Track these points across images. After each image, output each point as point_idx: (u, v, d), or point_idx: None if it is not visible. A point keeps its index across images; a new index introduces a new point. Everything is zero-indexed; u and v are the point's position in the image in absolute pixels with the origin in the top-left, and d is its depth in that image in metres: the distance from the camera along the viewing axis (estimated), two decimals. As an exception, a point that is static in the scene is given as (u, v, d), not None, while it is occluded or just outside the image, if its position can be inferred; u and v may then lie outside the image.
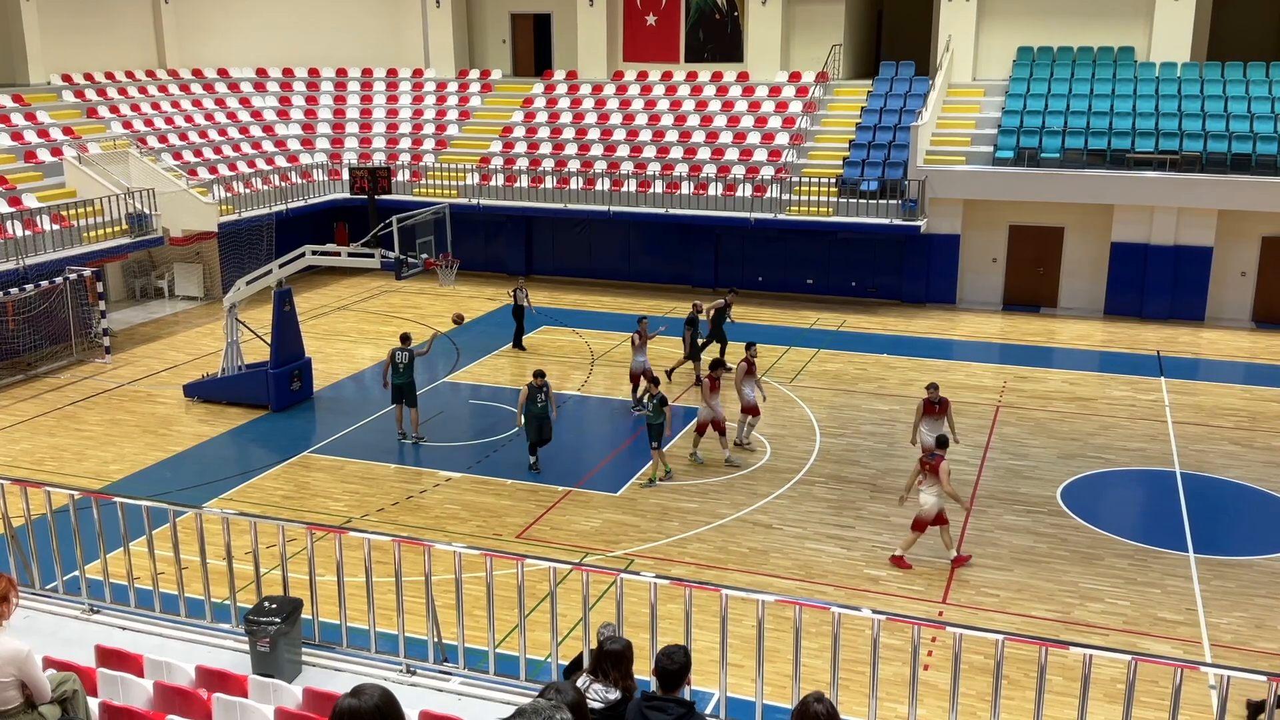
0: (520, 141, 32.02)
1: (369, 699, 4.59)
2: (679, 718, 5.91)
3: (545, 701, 4.55)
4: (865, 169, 27.62)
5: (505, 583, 10.39)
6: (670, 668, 6.07)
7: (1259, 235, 25.66)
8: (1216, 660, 11.95)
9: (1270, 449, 18.26)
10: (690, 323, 21.82)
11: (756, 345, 18.58)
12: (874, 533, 15.26)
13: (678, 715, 5.92)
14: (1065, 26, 29.71)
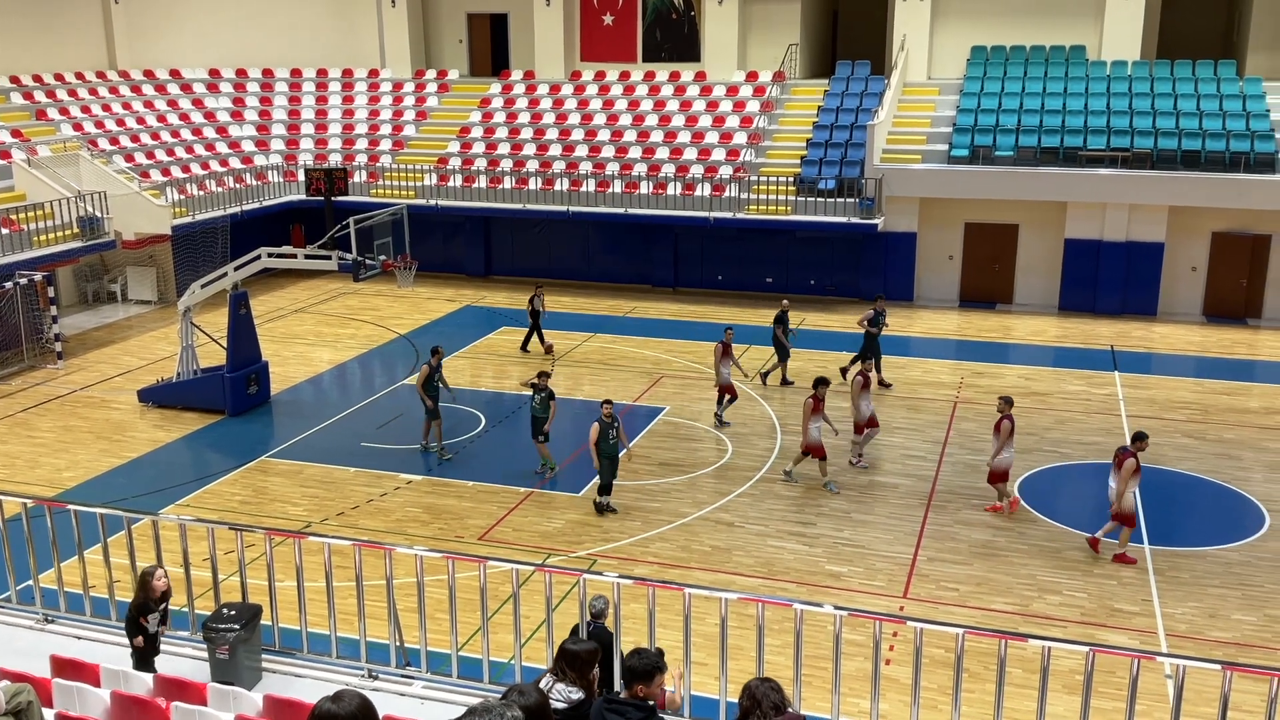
0: (478, 142, 31.90)
1: (347, 705, 4.55)
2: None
3: (497, 701, 4.54)
4: (823, 168, 27.78)
5: (468, 585, 10.36)
6: (638, 668, 6.08)
7: (1209, 231, 26.11)
8: (1172, 650, 12.15)
9: (1222, 441, 18.59)
10: (779, 321, 21.59)
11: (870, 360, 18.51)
12: (835, 529, 15.35)
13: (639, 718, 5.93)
14: (1018, 25, 30.07)
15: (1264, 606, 13.14)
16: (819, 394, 16.51)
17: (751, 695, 5.85)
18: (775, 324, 21.54)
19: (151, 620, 8.50)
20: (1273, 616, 12.91)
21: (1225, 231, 26.03)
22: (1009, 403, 15.81)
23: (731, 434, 19.04)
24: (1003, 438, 15.40)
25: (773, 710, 5.80)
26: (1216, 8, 32.38)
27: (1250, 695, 9.07)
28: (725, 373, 19.18)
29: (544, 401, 16.93)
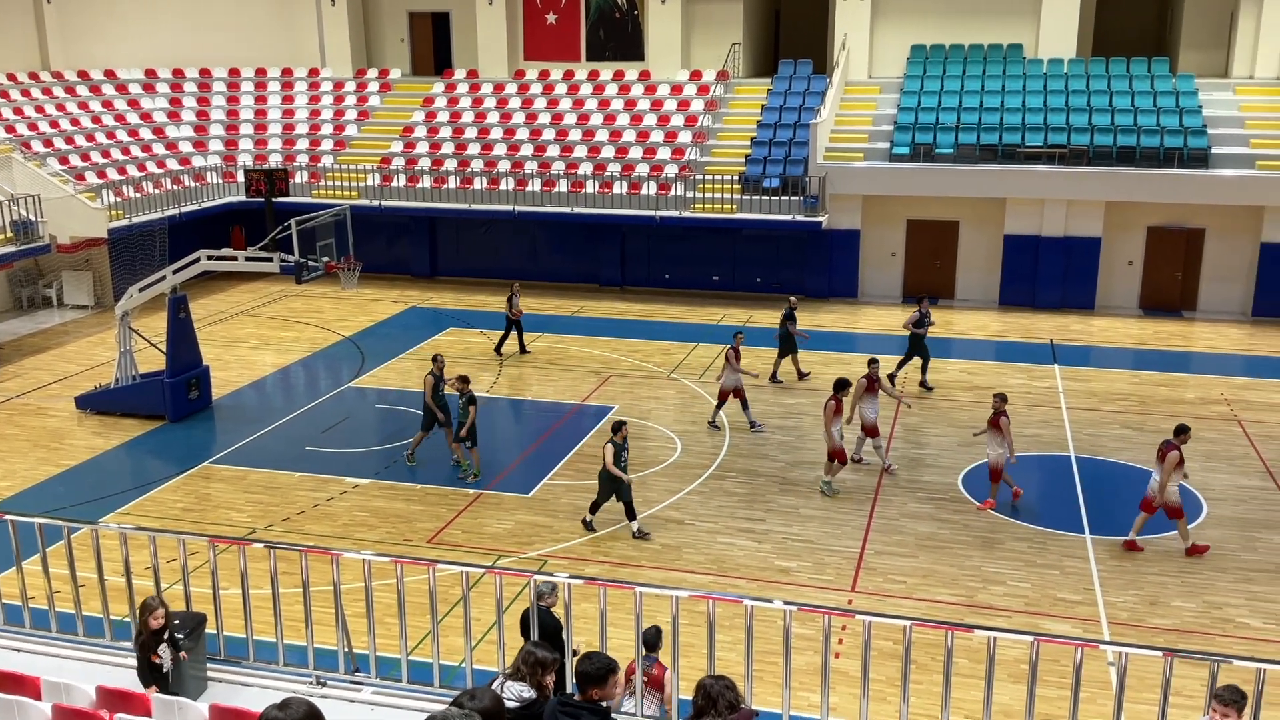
0: (421, 141, 31.66)
1: (295, 712, 4.50)
2: None
3: (457, 710, 4.52)
4: (767, 166, 27.95)
5: (417, 589, 10.28)
6: (592, 672, 6.07)
7: (1144, 225, 26.66)
8: (1115, 638, 12.39)
9: (1160, 431, 18.93)
10: (788, 318, 21.60)
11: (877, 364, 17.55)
12: (784, 524, 15.46)
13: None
14: (956, 24, 30.49)
15: (1203, 593, 13.45)
16: (839, 397, 16.21)
17: (707, 694, 5.88)
18: (784, 321, 21.57)
19: (164, 654, 8.23)
20: (1212, 603, 13.22)
21: (1160, 226, 26.59)
22: (1004, 399, 15.95)
23: (681, 432, 19.10)
24: (1004, 434, 15.52)
25: (728, 709, 5.83)
26: (1149, 6, 33.09)
27: (1191, 680, 9.27)
28: (736, 377, 18.83)
29: (465, 406, 16.77)
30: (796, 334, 21.50)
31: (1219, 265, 26.41)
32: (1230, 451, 17.96)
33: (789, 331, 21.46)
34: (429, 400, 17.27)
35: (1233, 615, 12.93)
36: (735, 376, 18.85)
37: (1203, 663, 7.52)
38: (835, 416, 16.08)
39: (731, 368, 18.85)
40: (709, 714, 5.81)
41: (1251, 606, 13.12)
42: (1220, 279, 26.45)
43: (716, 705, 5.80)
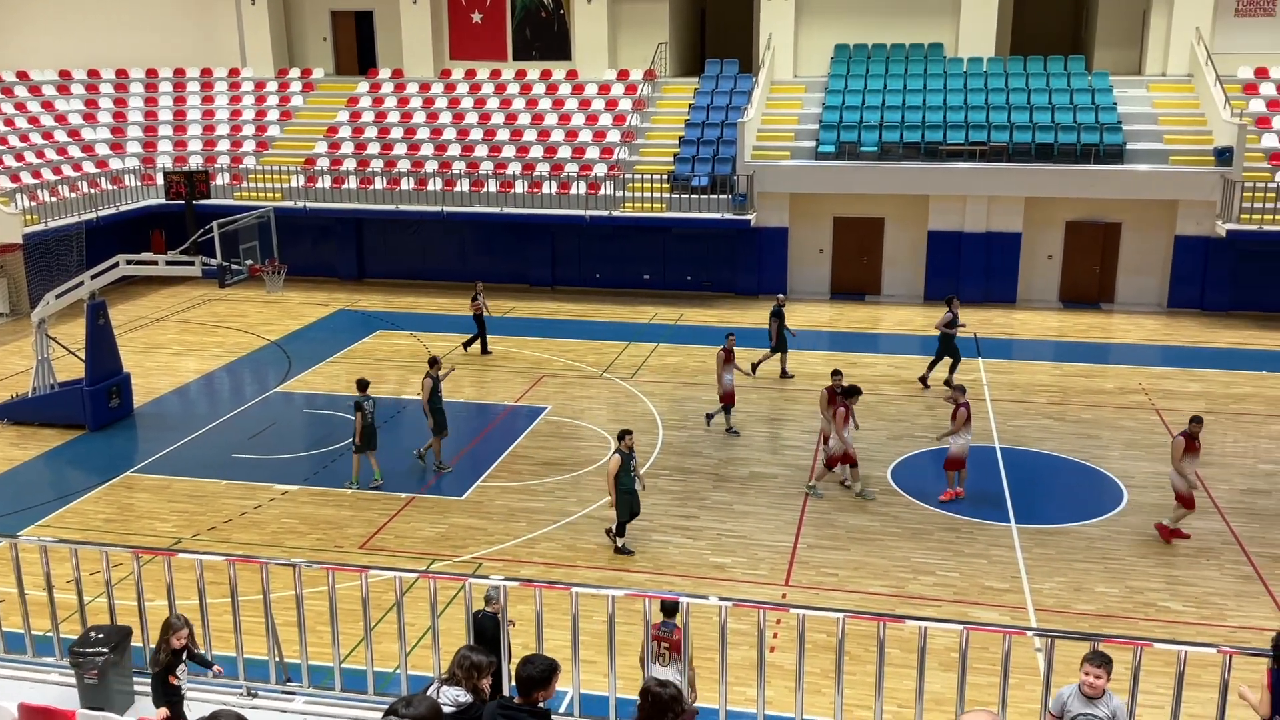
0: (346, 142, 31.26)
1: None
2: None
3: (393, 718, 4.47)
4: (695, 165, 28.08)
5: (349, 596, 10.15)
6: (536, 675, 6.05)
7: (1063, 220, 27.28)
8: (1041, 624, 12.67)
9: (1081, 421, 19.45)
10: (776, 315, 21.60)
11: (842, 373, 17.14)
12: (719, 521, 15.55)
13: None
14: (878, 24, 30.91)
15: (1125, 579, 13.81)
16: (849, 404, 16.10)
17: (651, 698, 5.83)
18: (771, 318, 21.65)
19: (181, 674, 7.92)
20: (1134, 588, 13.57)
21: (1078, 220, 27.24)
22: (962, 390, 16.25)
23: (615, 429, 19.06)
24: (958, 425, 15.78)
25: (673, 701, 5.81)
26: (1065, 6, 33.87)
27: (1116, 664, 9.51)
28: (729, 380, 18.67)
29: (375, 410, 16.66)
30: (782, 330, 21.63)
31: (1135, 258, 27.13)
32: (1149, 440, 18.45)
33: (778, 329, 21.63)
34: (425, 405, 17.10)
35: (1154, 599, 13.30)
36: (730, 378, 18.72)
37: (1128, 646, 7.73)
38: (844, 423, 15.99)
39: (725, 369, 18.71)
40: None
41: (1172, 590, 13.50)
42: (1136, 272, 27.18)
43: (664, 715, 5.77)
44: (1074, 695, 7.48)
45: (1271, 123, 27.18)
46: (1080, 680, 7.44)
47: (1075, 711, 7.45)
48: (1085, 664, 7.40)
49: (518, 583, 8.96)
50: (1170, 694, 7.50)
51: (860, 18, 30.89)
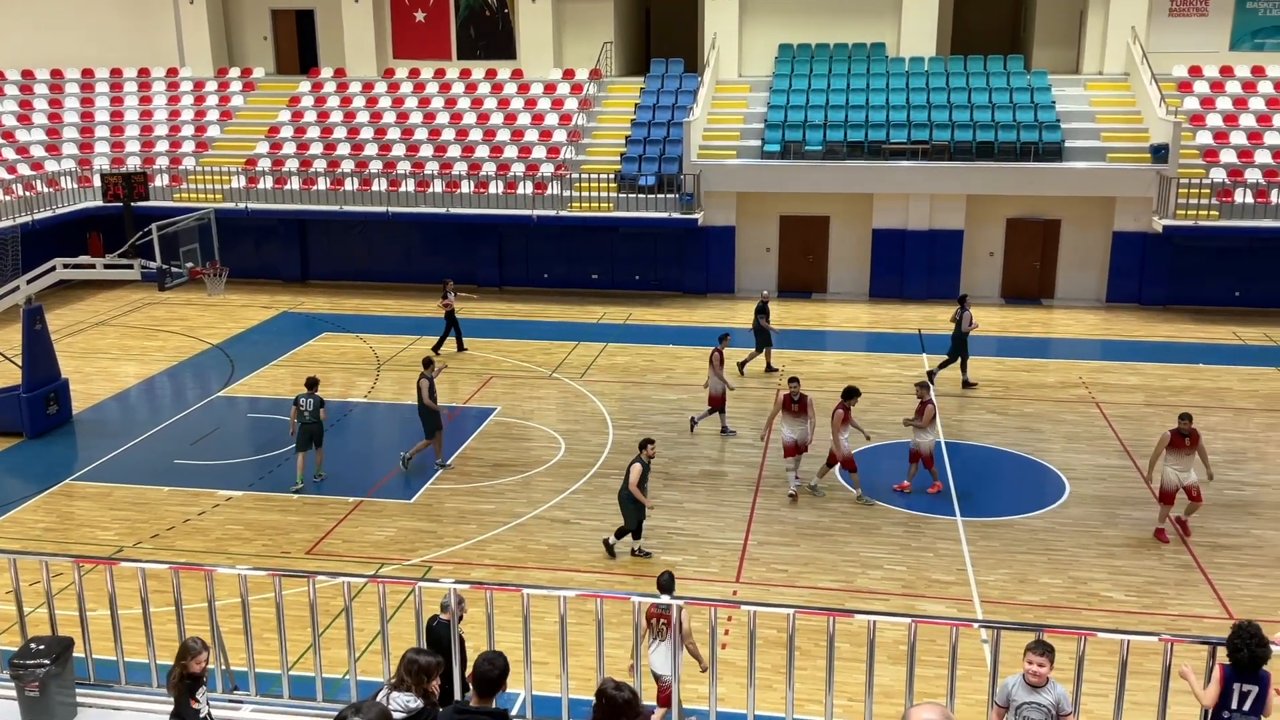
0: (288, 142, 30.87)
1: None
2: None
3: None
4: (642, 164, 28.11)
5: (296, 602, 10.02)
6: (490, 674, 6.03)
7: (1004, 217, 27.69)
8: (987, 616, 12.85)
9: (1023, 415, 19.76)
10: (761, 311, 21.71)
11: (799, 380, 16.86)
12: (669, 519, 15.58)
13: None
14: (821, 24, 31.16)
15: (1068, 569, 14.05)
16: (847, 405, 15.91)
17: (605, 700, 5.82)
18: (757, 314, 21.74)
19: (202, 698, 7.57)
20: (1077, 579, 13.82)
21: (1018, 217, 27.66)
22: (926, 387, 16.44)
23: (564, 430, 19.07)
24: (926, 420, 15.98)
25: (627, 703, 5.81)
26: (1004, 6, 34.37)
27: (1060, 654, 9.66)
28: (719, 383, 18.57)
29: (315, 411, 16.51)
30: (767, 325, 21.77)
31: (1074, 254, 27.61)
32: (1089, 432, 18.79)
33: (762, 325, 21.73)
34: (426, 403, 16.96)
35: (1097, 589, 13.54)
36: (720, 381, 18.66)
37: (1072, 636, 7.86)
38: (843, 425, 15.85)
39: (715, 372, 18.64)
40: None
41: (1114, 580, 13.77)
42: (1076, 267, 27.66)
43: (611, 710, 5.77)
44: (1018, 685, 7.60)
45: (1205, 120, 27.81)
46: (1024, 669, 7.56)
47: (1020, 700, 7.57)
48: (1028, 653, 7.51)
49: (468, 585, 8.91)
50: (1114, 682, 7.64)
51: (803, 17, 31.11)
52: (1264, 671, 7.59)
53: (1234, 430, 18.94)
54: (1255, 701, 7.60)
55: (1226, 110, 28.06)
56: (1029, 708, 7.55)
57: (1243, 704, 7.61)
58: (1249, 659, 7.50)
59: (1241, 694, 7.59)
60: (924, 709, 4.51)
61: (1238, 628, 7.67)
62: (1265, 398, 20.39)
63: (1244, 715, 7.65)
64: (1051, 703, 7.50)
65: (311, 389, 16.66)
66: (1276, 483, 16.59)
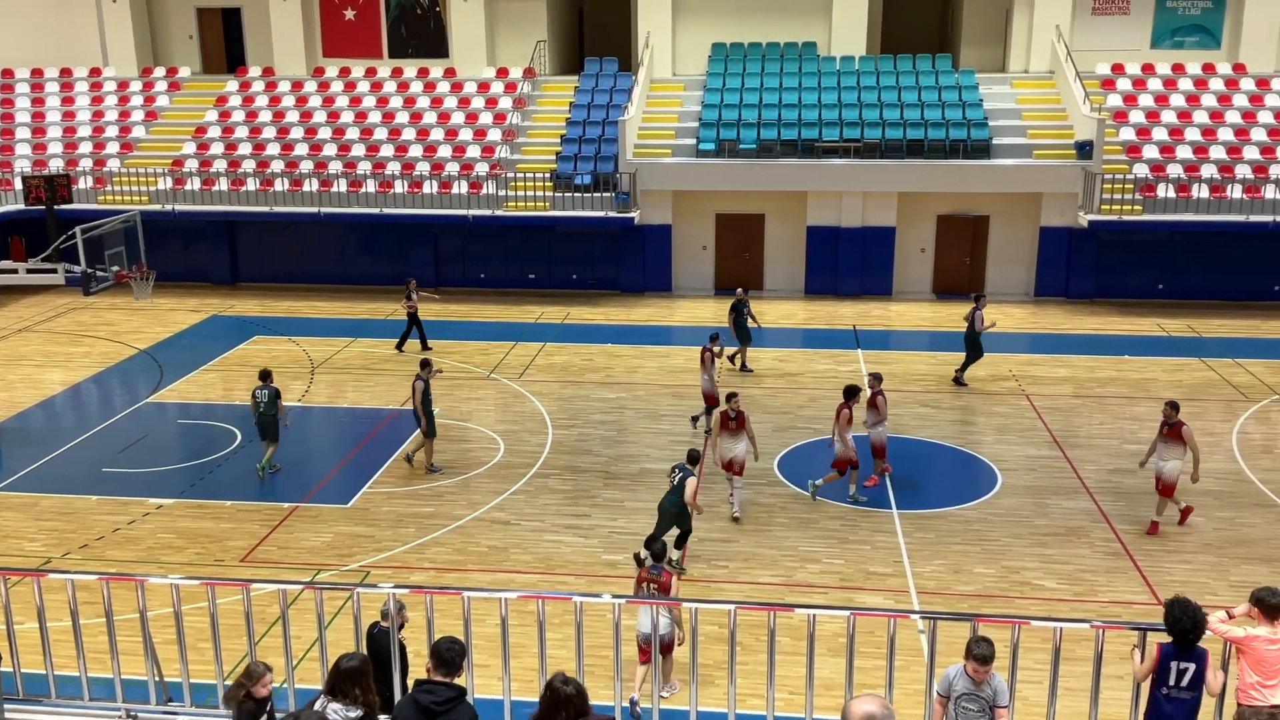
0: (216, 142, 30.33)
1: None
2: (449, 699, 5.99)
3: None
4: (578, 163, 28.07)
5: (231, 611, 9.85)
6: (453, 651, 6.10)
7: (934, 214, 28.11)
8: (924, 606, 13.05)
9: (955, 408, 20.07)
10: (736, 309, 21.87)
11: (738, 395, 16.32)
12: (610, 519, 15.58)
13: (448, 697, 5.99)
14: (754, 23, 31.37)
15: (1001, 559, 14.31)
16: (850, 404, 15.81)
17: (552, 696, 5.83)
18: (732, 311, 21.89)
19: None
20: (1010, 568, 14.08)
21: (949, 214, 28.10)
22: (878, 379, 16.68)
23: (503, 430, 18.98)
24: (882, 413, 16.28)
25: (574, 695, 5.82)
26: (932, 5, 34.89)
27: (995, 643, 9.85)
28: (709, 382, 18.57)
29: (271, 401, 16.66)
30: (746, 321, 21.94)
31: (1003, 250, 28.11)
32: (1020, 424, 19.16)
33: (742, 321, 21.90)
34: (417, 406, 16.78)
35: (1029, 578, 13.81)
36: (710, 380, 18.62)
37: (1006, 625, 8.00)
38: (847, 425, 15.77)
39: (706, 370, 18.63)
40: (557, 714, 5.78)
41: (1046, 569, 14.05)
42: (1005, 263, 28.17)
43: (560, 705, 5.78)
44: (960, 675, 7.73)
45: (1128, 117, 28.48)
46: (965, 664, 7.71)
47: (959, 691, 7.71)
48: (969, 659, 7.65)
49: (408, 590, 8.84)
50: (1048, 669, 7.80)
51: (736, 17, 31.30)
52: (1200, 649, 7.81)
53: (1159, 420, 19.39)
54: (1193, 678, 7.81)
55: (1148, 107, 28.78)
56: (967, 699, 7.69)
57: (1180, 680, 7.83)
58: (1191, 627, 7.72)
59: (1179, 671, 7.81)
60: (863, 701, 4.56)
61: (1172, 602, 7.89)
62: (1189, 388, 20.95)
63: (1181, 691, 7.86)
64: (990, 694, 7.66)
65: (265, 380, 16.77)
66: (1201, 471, 17.02)
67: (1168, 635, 7.81)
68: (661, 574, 10.81)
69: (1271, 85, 29.00)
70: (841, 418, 15.76)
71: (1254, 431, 18.74)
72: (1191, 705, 7.87)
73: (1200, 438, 18.40)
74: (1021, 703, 9.04)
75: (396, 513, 15.78)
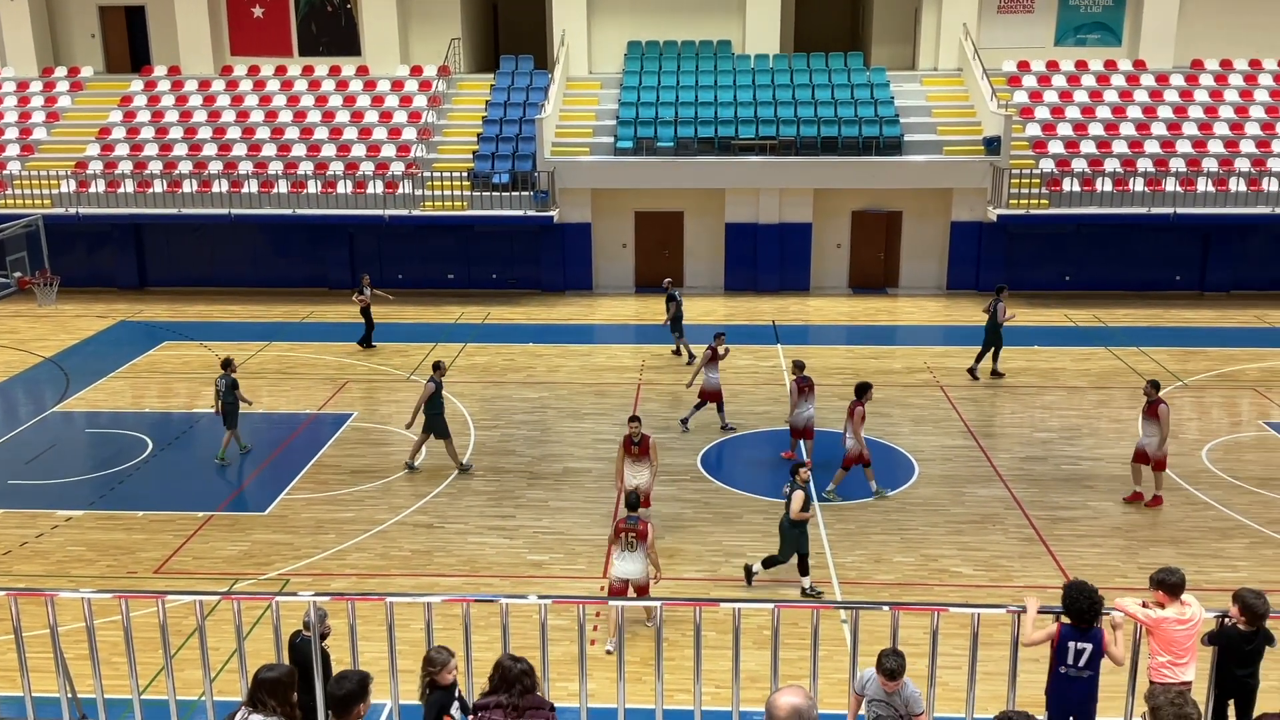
0: (121, 143, 29.51)
1: None
2: None
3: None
4: (495, 162, 27.90)
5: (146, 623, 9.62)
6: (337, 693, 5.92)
7: (849, 210, 28.53)
8: (846, 596, 13.23)
9: (873, 401, 20.33)
10: (670, 299, 22.47)
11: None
12: (534, 519, 15.52)
13: None
14: (669, 21, 31.50)
15: (919, 547, 14.59)
16: (863, 401, 15.80)
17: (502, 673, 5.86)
18: (670, 302, 22.46)
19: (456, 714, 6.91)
20: (928, 555, 14.36)
21: (863, 210, 28.54)
22: (800, 366, 17.31)
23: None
24: (798, 398, 16.85)
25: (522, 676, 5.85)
26: (844, 4, 35.39)
27: (915, 630, 10.03)
28: (714, 378, 18.48)
29: (229, 390, 17.34)
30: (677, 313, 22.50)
31: (916, 244, 28.65)
32: (935, 415, 19.54)
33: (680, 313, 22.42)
34: (419, 406, 16.82)
35: (948, 565, 14.10)
36: (715, 377, 18.49)
37: (925, 612, 8.16)
38: (861, 422, 15.68)
39: (706, 369, 18.52)
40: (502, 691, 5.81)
41: (963, 556, 14.35)
42: (918, 257, 28.71)
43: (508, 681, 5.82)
44: (873, 680, 7.86)
45: (1034, 113, 29.22)
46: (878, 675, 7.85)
47: (872, 695, 7.85)
48: (879, 672, 7.76)
49: (329, 597, 8.71)
50: (966, 654, 7.97)
51: (651, 15, 31.39)
52: (1097, 629, 8.11)
53: (1068, 408, 19.99)
54: (1090, 658, 8.10)
55: (1053, 103, 29.55)
56: (878, 705, 7.82)
57: (1078, 660, 8.13)
58: (1088, 607, 7.99)
59: (1077, 651, 8.12)
60: (787, 693, 4.62)
61: (1069, 584, 8.20)
62: (1097, 376, 21.57)
63: (1080, 670, 8.16)
64: (900, 705, 7.77)
65: (226, 369, 17.50)
66: (1109, 456, 17.57)
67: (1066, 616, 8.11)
68: (638, 523, 11.86)
69: (1170, 81, 30.01)
70: (856, 415, 15.74)
71: (1158, 417, 19.36)
72: (1089, 683, 8.17)
73: (1106, 424, 19.00)
74: (942, 689, 9.21)
75: (316, 519, 15.53)
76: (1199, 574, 13.22)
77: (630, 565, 11.87)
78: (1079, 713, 8.27)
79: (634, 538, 11.87)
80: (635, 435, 14.66)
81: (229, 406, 17.33)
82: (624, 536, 11.91)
